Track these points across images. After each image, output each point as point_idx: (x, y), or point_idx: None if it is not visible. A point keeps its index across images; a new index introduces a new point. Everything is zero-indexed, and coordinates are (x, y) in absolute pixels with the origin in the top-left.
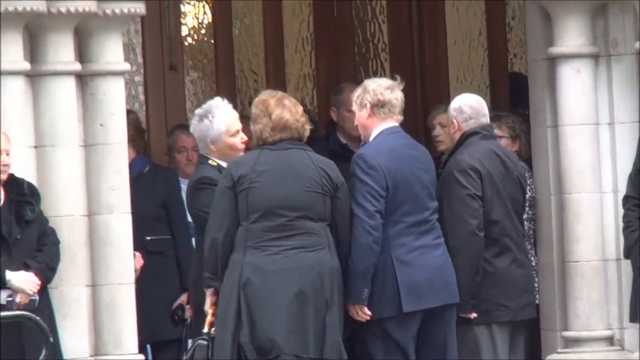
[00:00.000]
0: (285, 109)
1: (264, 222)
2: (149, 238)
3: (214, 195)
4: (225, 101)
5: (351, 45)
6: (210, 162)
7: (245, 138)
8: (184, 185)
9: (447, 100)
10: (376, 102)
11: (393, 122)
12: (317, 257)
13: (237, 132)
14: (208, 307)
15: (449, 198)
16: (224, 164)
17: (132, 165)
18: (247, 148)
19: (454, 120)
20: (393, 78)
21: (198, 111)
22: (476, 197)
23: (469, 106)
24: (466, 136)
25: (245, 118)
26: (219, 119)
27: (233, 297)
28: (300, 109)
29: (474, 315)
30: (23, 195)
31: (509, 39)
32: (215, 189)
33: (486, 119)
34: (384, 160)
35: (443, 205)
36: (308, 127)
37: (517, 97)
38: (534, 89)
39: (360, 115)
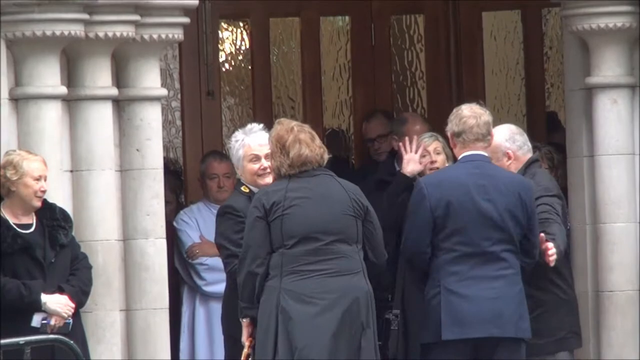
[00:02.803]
0: (302, 145)
1: (300, 247)
2: None
3: (234, 226)
4: (260, 127)
5: (388, 73)
6: (242, 188)
7: (265, 165)
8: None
9: None
10: (454, 132)
11: (474, 150)
12: (353, 281)
13: (256, 158)
14: (245, 339)
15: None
16: (256, 190)
17: None
18: (219, 186)
19: (509, 152)
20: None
21: (235, 133)
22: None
23: (518, 134)
24: (529, 164)
25: (217, 153)
26: (240, 143)
27: (271, 324)
28: (317, 140)
29: None
30: (56, 220)
31: (546, 69)
32: (236, 220)
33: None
34: (435, 190)
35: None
36: (326, 155)
37: (553, 126)
38: (570, 118)
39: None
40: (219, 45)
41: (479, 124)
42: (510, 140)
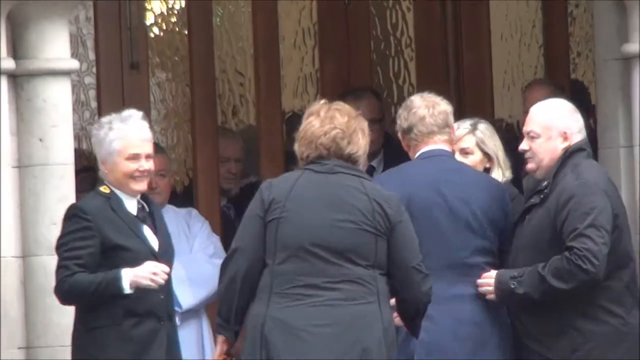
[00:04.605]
0: (317, 118)
1: (294, 263)
2: None
3: (75, 233)
4: (141, 115)
5: (366, 40)
6: (102, 188)
7: (146, 168)
8: None
9: (489, 112)
10: (403, 130)
11: (432, 145)
12: (362, 311)
13: (136, 157)
14: (216, 356)
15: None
16: (123, 196)
17: None
18: (151, 187)
19: (567, 132)
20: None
21: (102, 119)
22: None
23: (577, 112)
24: (570, 153)
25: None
26: (117, 132)
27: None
28: (354, 124)
29: None
30: None
31: (571, 34)
32: (81, 225)
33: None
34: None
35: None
36: (356, 147)
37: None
38: (603, 97)
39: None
40: (146, 4)
41: (433, 113)
42: (571, 117)
